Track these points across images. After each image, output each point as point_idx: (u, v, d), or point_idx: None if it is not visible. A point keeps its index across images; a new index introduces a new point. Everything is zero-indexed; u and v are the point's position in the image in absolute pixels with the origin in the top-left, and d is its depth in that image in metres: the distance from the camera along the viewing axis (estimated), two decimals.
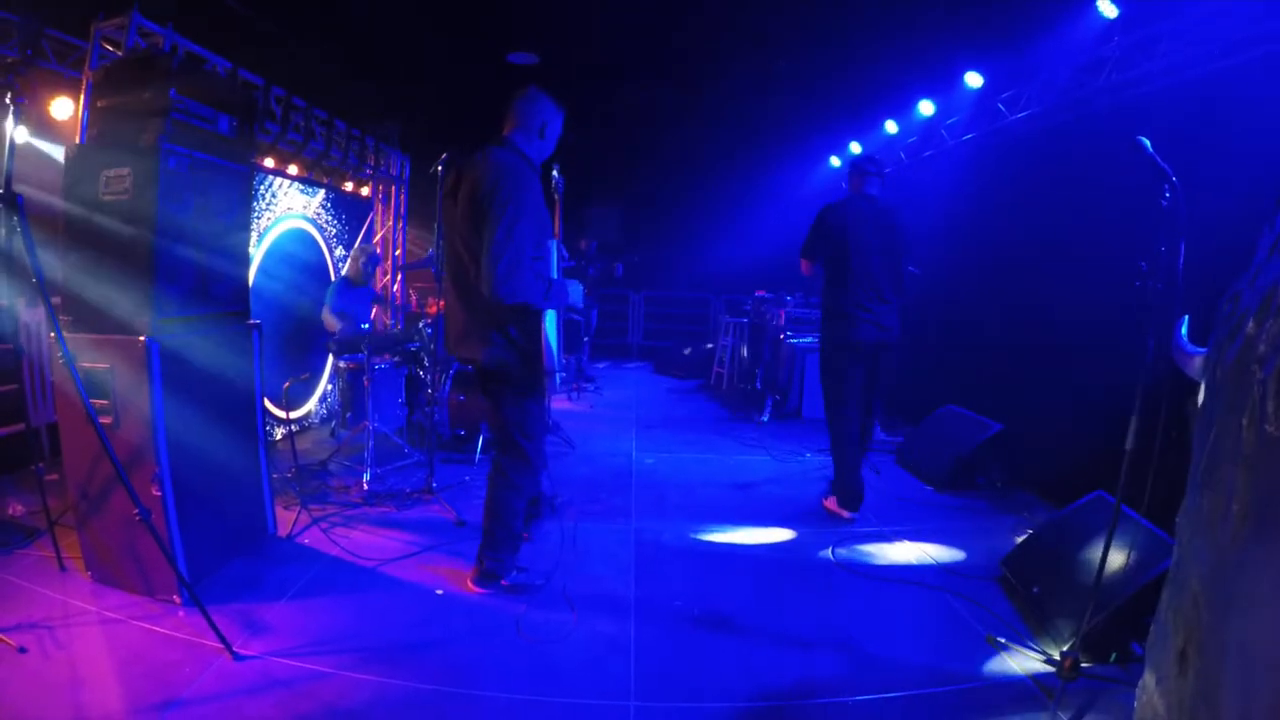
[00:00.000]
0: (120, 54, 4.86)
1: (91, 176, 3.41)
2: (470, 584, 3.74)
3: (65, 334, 3.20)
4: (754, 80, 8.28)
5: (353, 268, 6.83)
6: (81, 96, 4.77)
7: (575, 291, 3.63)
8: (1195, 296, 2.62)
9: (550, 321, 3.48)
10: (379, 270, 8.79)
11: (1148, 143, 2.81)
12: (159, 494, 3.35)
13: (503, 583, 3.74)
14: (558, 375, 3.57)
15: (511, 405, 3.57)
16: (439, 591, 3.72)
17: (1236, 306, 1.63)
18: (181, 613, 3.31)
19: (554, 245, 3.60)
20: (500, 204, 3.26)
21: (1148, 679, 1.78)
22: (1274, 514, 1.39)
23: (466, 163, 3.48)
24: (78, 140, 4.56)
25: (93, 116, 3.71)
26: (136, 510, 3.05)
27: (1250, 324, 1.53)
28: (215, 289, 3.84)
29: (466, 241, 3.39)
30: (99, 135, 3.63)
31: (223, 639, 3.02)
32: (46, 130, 5.40)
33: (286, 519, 4.42)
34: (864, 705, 2.92)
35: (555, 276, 3.56)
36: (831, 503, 5.15)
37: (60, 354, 3.09)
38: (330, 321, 6.40)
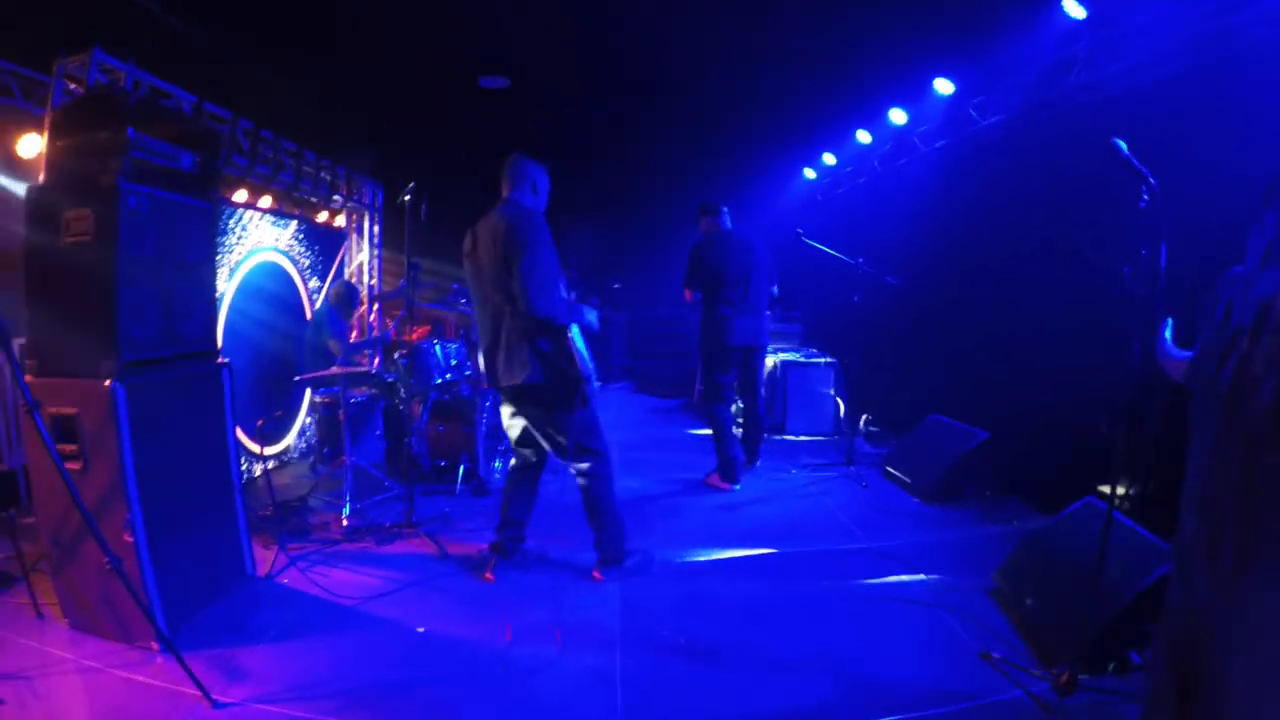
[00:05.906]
0: (82, 91, 4.80)
1: (53, 218, 3.34)
2: (596, 574, 4.20)
3: (29, 378, 3.12)
4: (725, 98, 8.28)
5: (337, 300, 6.82)
6: (45, 135, 4.71)
7: (590, 315, 4.15)
8: (1177, 296, 2.60)
9: (577, 335, 4.02)
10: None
11: (1123, 144, 2.78)
12: (131, 540, 3.26)
13: (625, 565, 4.24)
14: (594, 381, 4.05)
15: (568, 418, 4.04)
16: (420, 629, 3.64)
17: (1229, 319, 1.59)
18: (160, 660, 3.22)
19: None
20: (520, 240, 3.85)
21: (1148, 709, 1.74)
22: (1275, 550, 1.35)
23: (480, 225, 4.08)
24: (41, 180, 4.48)
25: (52, 157, 3.62)
26: (107, 559, 2.96)
27: (1245, 342, 1.49)
28: (182, 329, 3.76)
29: (497, 284, 3.96)
30: (59, 176, 3.55)
31: (201, 687, 2.94)
32: (14, 168, 5.32)
33: (265, 558, 4.32)
34: None
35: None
36: (714, 478, 6.15)
37: (24, 399, 3.00)
38: (336, 348, 6.36)
